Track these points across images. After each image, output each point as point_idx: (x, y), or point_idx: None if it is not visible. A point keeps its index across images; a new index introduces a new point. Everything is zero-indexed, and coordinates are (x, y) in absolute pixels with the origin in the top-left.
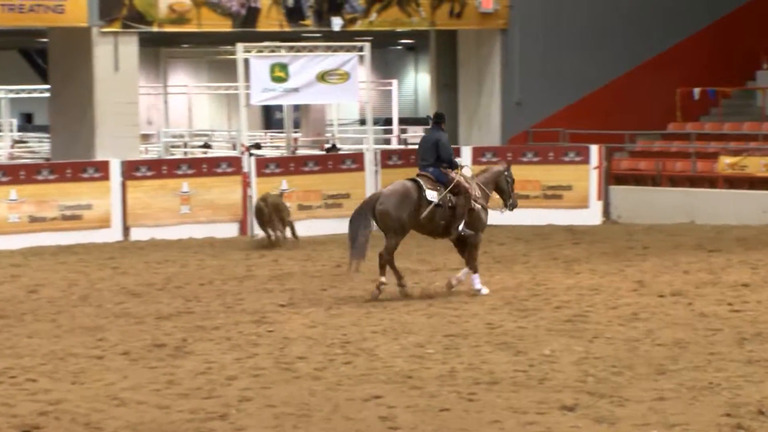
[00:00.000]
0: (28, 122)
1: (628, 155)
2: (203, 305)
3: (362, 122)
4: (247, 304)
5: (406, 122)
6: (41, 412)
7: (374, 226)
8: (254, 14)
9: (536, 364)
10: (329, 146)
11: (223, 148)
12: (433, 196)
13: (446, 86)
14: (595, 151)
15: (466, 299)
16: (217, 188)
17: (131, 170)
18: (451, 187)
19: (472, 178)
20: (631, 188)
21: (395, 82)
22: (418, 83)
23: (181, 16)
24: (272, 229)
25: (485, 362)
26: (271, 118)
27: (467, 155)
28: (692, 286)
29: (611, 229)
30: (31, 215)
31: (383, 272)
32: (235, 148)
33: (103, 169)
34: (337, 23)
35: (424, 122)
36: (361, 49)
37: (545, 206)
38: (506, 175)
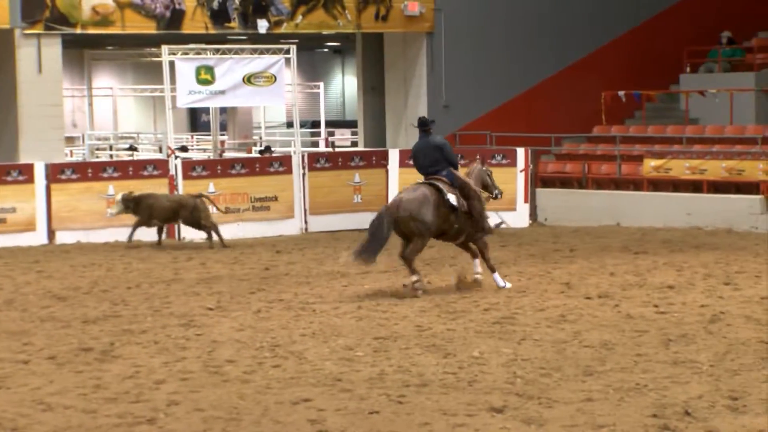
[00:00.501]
0: None
1: (554, 158)
2: (130, 309)
3: (289, 125)
4: (174, 307)
5: (333, 125)
6: None
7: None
8: (179, 16)
9: (465, 366)
10: (262, 148)
11: (149, 150)
12: (453, 198)
13: (373, 89)
14: (521, 153)
15: (395, 302)
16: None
17: (56, 173)
18: (462, 189)
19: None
20: (557, 191)
21: (322, 84)
22: (345, 86)
23: (104, 18)
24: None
25: (415, 364)
26: (197, 120)
27: (395, 158)
28: (618, 287)
29: (538, 231)
30: None
31: (413, 271)
32: (161, 150)
33: (27, 172)
34: (262, 26)
35: (351, 125)
36: (287, 51)
37: None
38: (485, 170)
